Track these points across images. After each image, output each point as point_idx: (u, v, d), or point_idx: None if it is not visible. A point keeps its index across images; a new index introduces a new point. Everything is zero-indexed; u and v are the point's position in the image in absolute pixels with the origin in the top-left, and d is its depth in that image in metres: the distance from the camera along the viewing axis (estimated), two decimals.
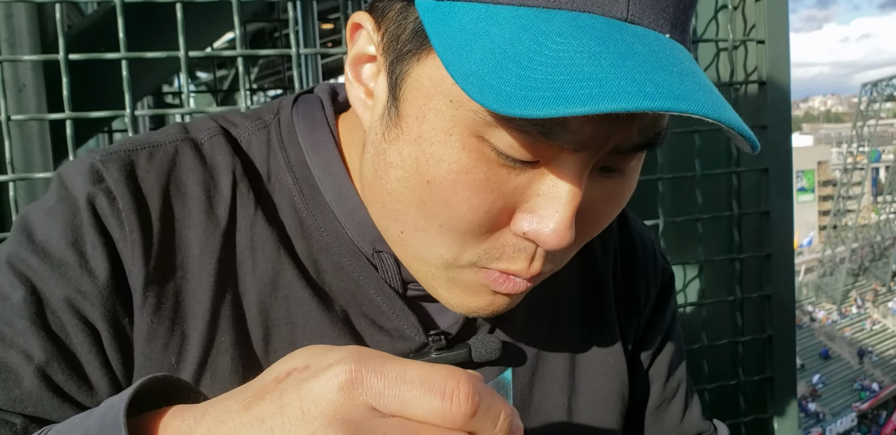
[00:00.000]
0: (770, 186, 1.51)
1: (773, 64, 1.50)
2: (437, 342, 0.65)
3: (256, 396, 0.39)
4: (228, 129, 0.66)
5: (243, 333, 0.61)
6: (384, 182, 0.55)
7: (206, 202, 0.62)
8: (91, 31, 1.33)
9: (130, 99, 1.13)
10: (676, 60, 0.46)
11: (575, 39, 0.45)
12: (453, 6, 0.49)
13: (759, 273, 1.54)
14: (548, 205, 0.51)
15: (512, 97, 0.43)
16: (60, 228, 0.58)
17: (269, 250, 0.62)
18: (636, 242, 0.80)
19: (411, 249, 0.57)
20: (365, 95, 0.58)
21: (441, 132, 0.51)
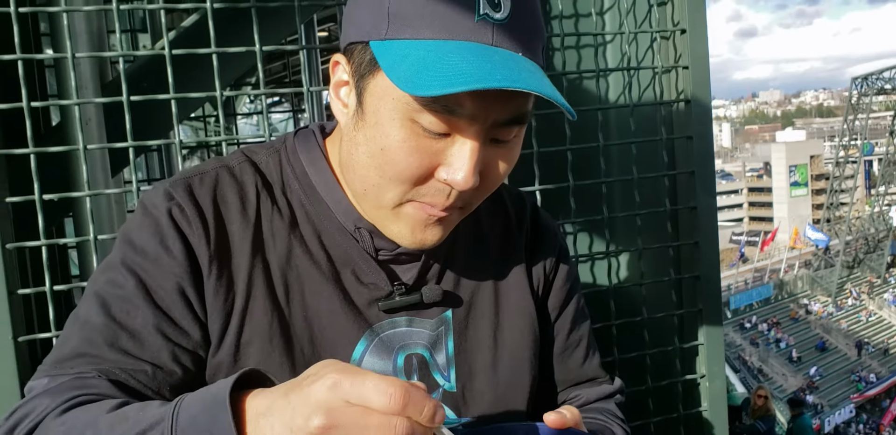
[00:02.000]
0: (696, 186, 1.84)
1: (696, 85, 1.83)
2: (399, 290, 0.98)
3: (291, 388, 0.68)
4: (251, 157, 1.01)
5: (270, 288, 0.94)
6: (354, 157, 0.89)
7: (241, 206, 0.95)
8: (141, 72, 1.65)
9: (178, 131, 1.45)
10: (520, 65, 0.80)
11: (459, 55, 0.78)
12: (391, 43, 0.82)
13: (690, 258, 1.87)
14: (457, 160, 0.84)
15: (423, 87, 0.76)
16: (150, 234, 0.91)
17: (284, 234, 0.96)
18: (542, 225, 1.13)
19: (372, 200, 0.90)
20: (342, 106, 0.92)
21: (388, 118, 0.83)
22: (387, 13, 0.82)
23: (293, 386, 0.67)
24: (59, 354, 0.87)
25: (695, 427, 1.91)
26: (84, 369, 0.84)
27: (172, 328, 0.89)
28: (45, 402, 0.80)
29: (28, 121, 1.37)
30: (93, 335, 0.86)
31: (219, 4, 1.49)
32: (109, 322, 0.87)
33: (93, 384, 0.82)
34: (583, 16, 1.86)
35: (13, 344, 1.36)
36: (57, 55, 1.48)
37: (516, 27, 0.82)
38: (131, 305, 0.88)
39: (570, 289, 1.15)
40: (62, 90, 1.58)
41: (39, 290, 1.40)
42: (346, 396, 0.63)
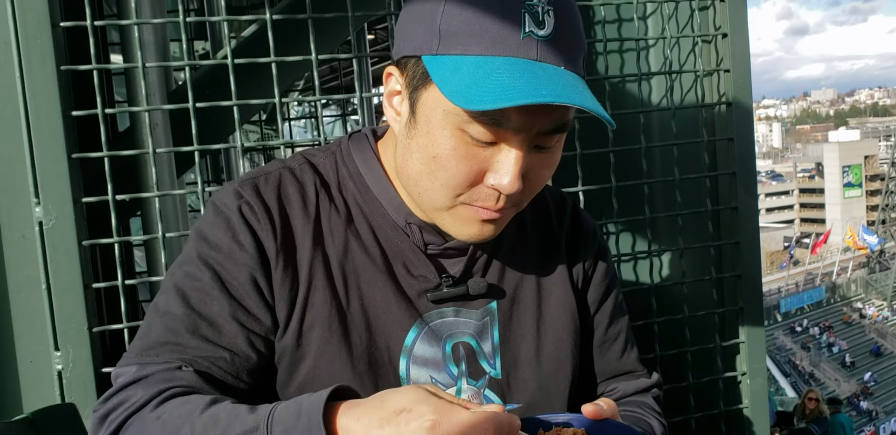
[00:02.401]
0: (738, 187, 1.87)
1: (737, 88, 1.87)
2: (446, 282, 1.05)
3: (384, 421, 0.75)
4: (310, 159, 1.10)
5: (329, 279, 1.02)
6: (409, 163, 0.96)
7: (302, 203, 1.04)
8: (203, 79, 1.75)
9: (241, 135, 1.55)
10: (564, 79, 0.87)
11: (507, 71, 0.85)
12: (443, 58, 0.89)
13: (731, 257, 1.90)
14: (503, 166, 0.91)
15: (475, 102, 0.83)
16: (223, 230, 1.00)
17: (341, 229, 1.04)
18: (582, 223, 1.20)
19: (427, 202, 0.98)
20: (395, 114, 1.00)
21: (439, 128, 0.91)
22: (438, 30, 0.89)
23: (387, 419, 0.75)
24: (144, 343, 0.96)
25: (736, 424, 1.95)
26: (169, 358, 0.93)
27: (246, 316, 0.97)
28: (138, 392, 0.89)
29: (102, 126, 1.48)
30: (174, 325, 0.95)
31: (278, 16, 1.58)
32: (189, 312, 0.95)
33: (180, 376, 0.91)
34: (625, 21, 1.91)
35: (88, 334, 1.46)
36: (129, 65, 1.58)
37: (559, 42, 0.89)
38: (208, 296, 0.96)
39: (609, 284, 1.20)
40: (132, 97, 1.69)
41: (112, 284, 1.50)
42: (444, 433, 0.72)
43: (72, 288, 1.45)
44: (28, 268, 1.47)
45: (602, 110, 0.86)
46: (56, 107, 1.44)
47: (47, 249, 1.44)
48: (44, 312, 1.45)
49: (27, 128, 1.43)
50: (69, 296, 1.45)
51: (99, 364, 1.50)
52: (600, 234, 1.23)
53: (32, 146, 1.43)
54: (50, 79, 1.44)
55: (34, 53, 1.43)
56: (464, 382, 1.06)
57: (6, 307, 1.48)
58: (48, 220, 1.44)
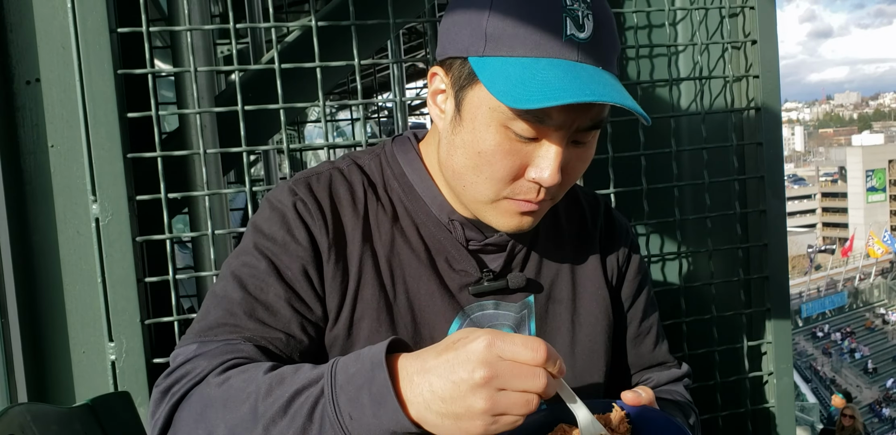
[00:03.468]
0: (766, 190, 1.91)
1: (766, 94, 1.91)
2: (487, 277, 1.11)
3: (443, 350, 0.81)
4: (357, 161, 1.16)
5: (377, 273, 1.08)
6: (453, 158, 1.02)
7: (352, 201, 1.10)
8: (251, 83, 1.81)
9: (286, 138, 1.61)
10: (603, 79, 0.92)
11: (551, 72, 0.91)
12: (489, 60, 0.95)
13: (759, 259, 1.94)
14: (544, 161, 0.96)
15: (522, 100, 0.89)
16: (279, 224, 1.06)
17: (387, 226, 1.10)
18: (614, 221, 1.25)
19: (470, 196, 1.03)
20: (439, 112, 1.06)
21: (484, 125, 0.97)
22: (484, 34, 0.95)
23: (445, 348, 0.80)
24: (203, 325, 1.01)
25: (762, 423, 1.98)
26: (228, 337, 0.98)
27: (300, 303, 1.03)
28: (202, 363, 0.94)
29: (156, 128, 1.54)
30: (232, 307, 1.01)
31: (322, 23, 1.64)
32: (246, 296, 1.01)
33: (242, 349, 0.97)
34: (656, 27, 1.95)
35: (140, 326, 1.53)
36: (181, 69, 1.65)
37: (597, 45, 0.95)
38: (264, 283, 1.02)
39: (642, 280, 1.26)
40: (181, 99, 1.76)
41: (163, 278, 1.57)
42: (500, 353, 0.77)
43: (125, 282, 1.51)
44: (83, 262, 1.54)
45: (639, 107, 0.92)
46: (113, 109, 1.50)
47: (103, 245, 1.51)
48: (99, 305, 1.52)
49: (86, 129, 1.50)
50: (123, 289, 1.52)
51: (150, 355, 1.56)
52: (632, 232, 1.29)
53: (90, 146, 1.50)
54: (108, 82, 1.50)
55: (93, 58, 1.50)
56: None
57: (61, 300, 1.55)
58: (104, 216, 1.51)
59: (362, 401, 0.79)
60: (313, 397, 0.82)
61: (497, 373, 0.76)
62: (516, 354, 0.77)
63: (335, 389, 0.81)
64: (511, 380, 0.76)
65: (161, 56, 2.94)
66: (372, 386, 0.79)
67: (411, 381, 0.79)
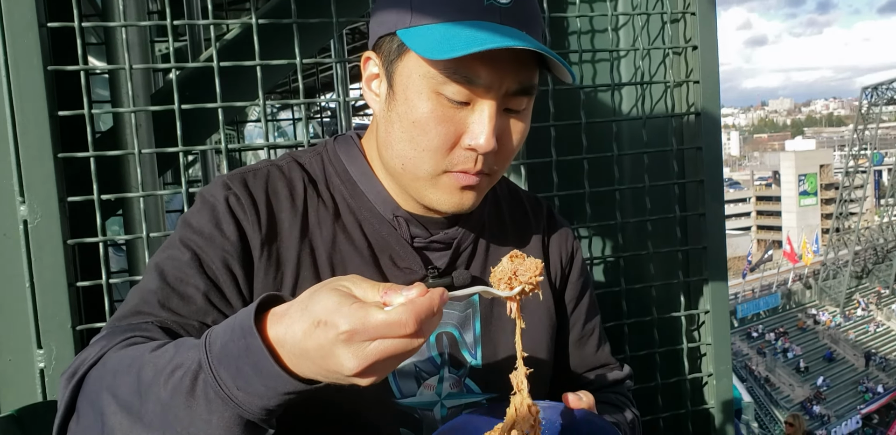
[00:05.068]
0: (706, 194, 1.94)
1: (706, 99, 1.94)
2: (432, 274, 1.10)
3: (307, 334, 0.71)
4: (297, 159, 1.14)
5: (315, 270, 1.06)
6: (391, 134, 1.02)
7: (290, 198, 1.08)
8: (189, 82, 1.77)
9: (225, 138, 1.57)
10: (524, 36, 0.95)
11: (473, 29, 0.93)
12: (415, 29, 0.96)
13: (698, 261, 1.97)
14: (477, 126, 0.98)
15: (443, 51, 0.90)
16: (207, 218, 1.03)
17: (329, 223, 1.08)
18: (557, 224, 1.26)
19: (410, 173, 1.03)
20: (374, 96, 1.06)
21: (416, 93, 0.98)
22: (410, 6, 0.97)
23: (308, 331, 0.72)
24: (118, 315, 0.99)
25: (702, 423, 2.01)
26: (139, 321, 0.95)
27: (218, 297, 1.00)
28: (101, 343, 0.90)
29: (89, 127, 1.49)
30: (148, 296, 0.98)
31: (263, 20, 1.61)
32: (164, 286, 0.99)
33: (146, 328, 0.94)
34: (599, 32, 1.97)
35: (72, 332, 1.47)
36: (115, 66, 1.59)
37: (519, 11, 0.98)
38: (184, 274, 1.00)
39: (584, 283, 1.27)
40: (116, 98, 1.70)
41: (96, 282, 1.51)
42: (365, 339, 0.71)
43: (56, 286, 1.46)
44: (10, 266, 1.47)
45: (562, 60, 0.95)
46: (42, 107, 1.45)
47: (32, 248, 1.45)
48: (27, 311, 1.46)
49: (13, 127, 1.44)
50: (53, 294, 1.46)
51: None
52: (573, 235, 1.29)
53: (18, 146, 1.44)
54: (37, 79, 1.45)
55: (21, 53, 1.44)
56: (446, 371, 1.10)
57: None
58: (33, 218, 1.45)
59: (243, 370, 0.75)
60: (192, 372, 0.77)
61: (368, 360, 0.71)
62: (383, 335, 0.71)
63: (212, 363, 0.77)
64: (387, 356, 0.72)
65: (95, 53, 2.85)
66: (250, 354, 0.75)
67: (290, 359, 0.75)
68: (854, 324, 39.72)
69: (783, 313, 39.10)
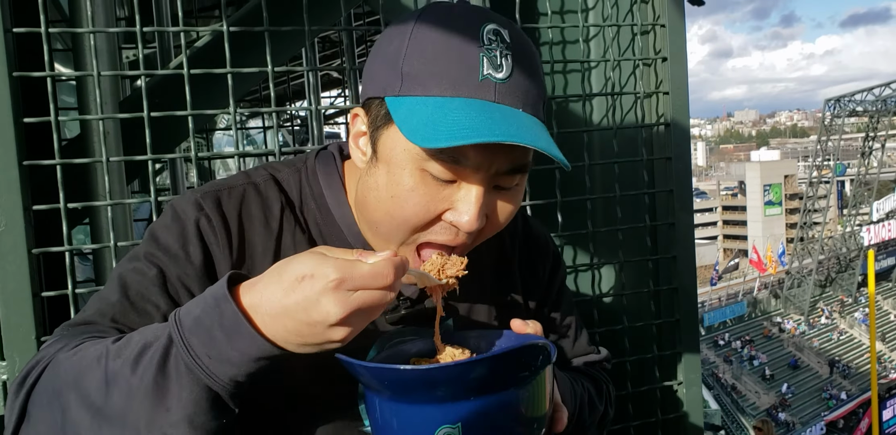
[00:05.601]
0: (675, 203, 1.96)
1: (676, 110, 1.96)
2: (404, 303, 1.09)
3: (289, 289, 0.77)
4: (275, 175, 1.11)
5: None
6: (368, 200, 0.99)
7: (264, 220, 1.05)
8: (158, 89, 1.75)
9: (195, 146, 1.55)
10: (520, 121, 0.90)
11: (464, 111, 0.88)
12: (403, 99, 0.92)
13: (668, 271, 1.99)
14: (463, 204, 0.93)
15: (430, 140, 0.86)
16: (175, 237, 1.01)
17: (304, 247, 1.04)
18: (534, 237, 1.26)
19: (382, 238, 1.00)
20: (361, 154, 1.02)
21: (399, 167, 0.94)
22: (401, 73, 0.92)
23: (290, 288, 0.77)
24: (74, 321, 0.98)
25: (672, 431, 2.02)
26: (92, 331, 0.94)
27: None
28: (56, 346, 0.89)
29: (55, 134, 1.47)
30: (106, 309, 0.97)
31: (235, 28, 1.60)
32: (124, 300, 0.97)
33: (102, 330, 0.93)
34: (570, 43, 1.98)
35: (36, 344, 1.44)
36: (83, 73, 1.57)
37: (516, 86, 0.92)
38: (147, 291, 0.98)
39: (561, 283, 1.29)
40: (83, 105, 1.68)
41: (62, 292, 1.48)
42: (351, 289, 0.77)
43: (20, 296, 1.43)
44: None
45: (557, 152, 0.89)
46: (7, 113, 1.42)
47: None
48: None
49: None
50: (17, 304, 1.43)
51: None
52: (552, 242, 1.29)
53: None
54: (2, 85, 1.42)
55: None
56: None
57: None
58: None
59: (215, 337, 0.78)
60: (162, 348, 0.79)
61: (352, 309, 0.77)
62: (367, 286, 0.77)
63: (184, 334, 0.79)
64: (365, 308, 0.78)
65: (60, 59, 2.81)
66: (223, 320, 0.78)
67: (264, 322, 0.79)
68: (818, 332, 40.25)
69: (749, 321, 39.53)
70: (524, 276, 1.22)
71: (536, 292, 1.24)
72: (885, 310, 42.86)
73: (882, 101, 39.32)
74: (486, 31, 0.91)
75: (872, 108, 39.86)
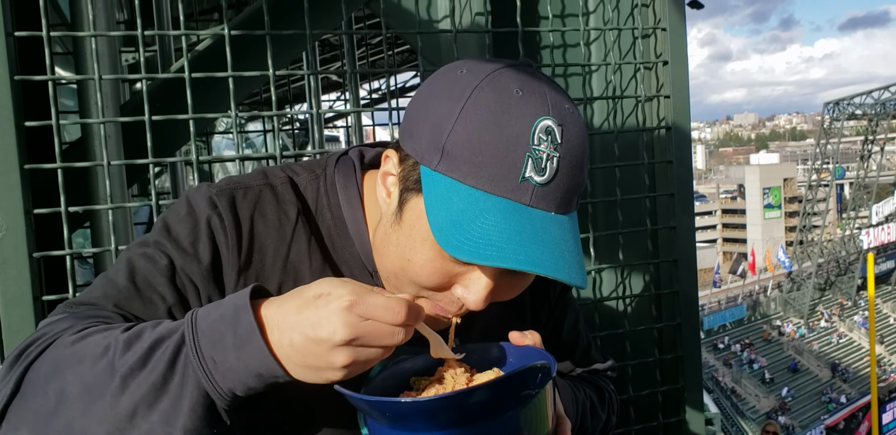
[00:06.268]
0: (676, 207, 1.96)
1: (677, 113, 1.96)
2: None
3: (304, 305, 0.79)
4: (293, 177, 1.09)
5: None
6: (385, 251, 0.97)
7: (278, 223, 1.04)
8: (159, 93, 1.75)
9: (196, 150, 1.55)
10: (548, 234, 0.86)
11: (493, 217, 0.85)
12: (439, 176, 0.89)
13: (669, 274, 1.98)
14: (474, 285, 0.92)
15: (453, 247, 0.84)
16: (187, 231, 1.00)
17: (319, 255, 1.05)
18: None
19: (391, 285, 0.99)
20: (385, 195, 0.99)
21: (420, 238, 0.91)
22: (442, 147, 0.88)
23: (305, 303, 0.79)
24: (78, 299, 0.97)
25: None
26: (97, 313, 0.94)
27: (181, 312, 0.98)
28: (61, 325, 0.89)
29: (56, 138, 1.46)
30: (112, 293, 0.96)
31: (236, 32, 1.60)
32: (130, 286, 0.96)
33: (107, 315, 0.93)
34: (571, 47, 1.98)
35: None
36: (84, 77, 1.57)
37: (556, 189, 0.88)
38: (155, 280, 0.97)
39: (572, 305, 1.29)
40: (84, 109, 1.68)
41: (63, 296, 1.48)
42: (362, 314, 0.78)
43: (21, 300, 1.43)
44: None
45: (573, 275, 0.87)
46: (9, 117, 1.42)
47: None
48: None
49: None
50: (18, 308, 1.43)
51: None
52: None
53: None
54: (3, 88, 1.42)
55: None
56: None
57: None
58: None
59: (226, 343, 0.79)
60: (174, 345, 0.80)
61: (358, 334, 0.77)
62: (378, 316, 0.78)
63: (197, 336, 0.80)
64: (371, 340, 0.78)
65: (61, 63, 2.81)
66: (238, 328, 0.79)
67: (272, 333, 0.80)
68: (818, 335, 40.24)
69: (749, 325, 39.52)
70: (534, 289, 1.21)
71: (546, 310, 1.23)
72: (884, 313, 42.86)
73: (881, 105, 39.35)
74: (538, 128, 0.87)
75: (871, 111, 39.89)
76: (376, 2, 1.75)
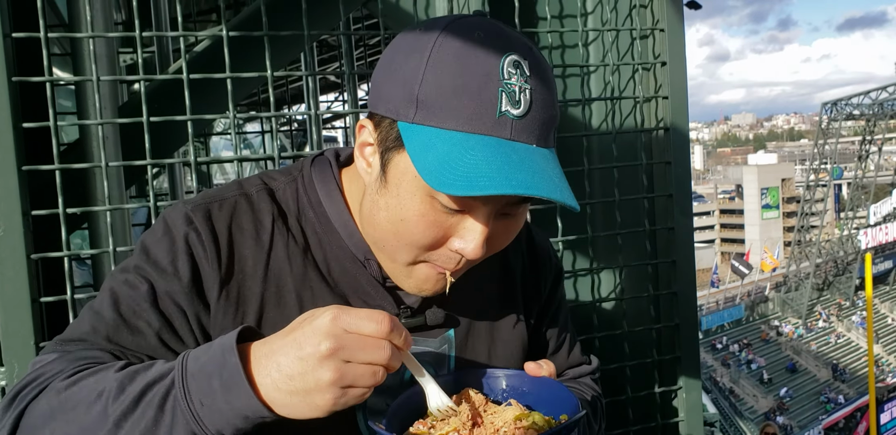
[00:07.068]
0: (674, 208, 1.96)
1: (675, 114, 1.96)
2: (404, 313, 1.08)
3: (290, 330, 0.82)
4: (269, 184, 1.09)
5: (281, 307, 1.03)
6: (375, 218, 0.98)
7: (255, 233, 1.04)
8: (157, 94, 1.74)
9: (194, 151, 1.55)
10: (534, 162, 0.89)
11: (479, 153, 0.87)
12: (418, 128, 0.90)
13: (668, 275, 1.99)
14: (469, 233, 0.93)
15: (447, 185, 0.85)
16: (165, 251, 1.00)
17: (300, 258, 1.05)
18: (537, 250, 1.25)
19: (387, 255, 1.00)
20: (366, 166, 1.00)
21: (409, 193, 0.93)
22: (415, 99, 0.89)
23: (291, 328, 0.82)
24: (68, 336, 0.98)
25: None
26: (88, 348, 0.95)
27: (171, 334, 0.98)
28: (54, 367, 0.90)
29: (54, 139, 1.46)
30: (99, 326, 0.96)
31: (234, 33, 1.60)
32: (117, 317, 0.97)
33: (98, 356, 0.93)
34: (569, 48, 1.98)
35: (35, 350, 1.44)
36: (82, 78, 1.57)
37: (533, 121, 0.90)
38: (139, 307, 0.97)
39: (560, 303, 1.29)
40: (82, 110, 1.67)
41: (61, 298, 1.48)
42: (345, 326, 0.80)
43: (19, 302, 1.42)
44: None
45: (570, 200, 0.88)
46: (7, 118, 1.42)
47: None
48: None
49: None
50: (16, 310, 1.43)
51: None
52: (555, 255, 1.29)
53: None
54: (1, 90, 1.42)
55: None
56: None
57: None
58: None
59: (213, 386, 0.80)
60: (164, 388, 0.82)
61: (342, 345, 0.79)
62: (361, 327, 0.80)
63: (186, 378, 0.81)
64: (356, 352, 0.79)
65: (59, 64, 2.81)
66: (223, 371, 0.80)
67: (259, 363, 0.81)
68: (816, 335, 40.26)
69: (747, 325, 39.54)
70: (525, 288, 1.21)
71: (536, 305, 1.23)
72: (882, 313, 42.92)
73: (878, 105, 39.39)
74: (506, 63, 0.89)
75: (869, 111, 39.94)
76: (374, 2, 1.75)
